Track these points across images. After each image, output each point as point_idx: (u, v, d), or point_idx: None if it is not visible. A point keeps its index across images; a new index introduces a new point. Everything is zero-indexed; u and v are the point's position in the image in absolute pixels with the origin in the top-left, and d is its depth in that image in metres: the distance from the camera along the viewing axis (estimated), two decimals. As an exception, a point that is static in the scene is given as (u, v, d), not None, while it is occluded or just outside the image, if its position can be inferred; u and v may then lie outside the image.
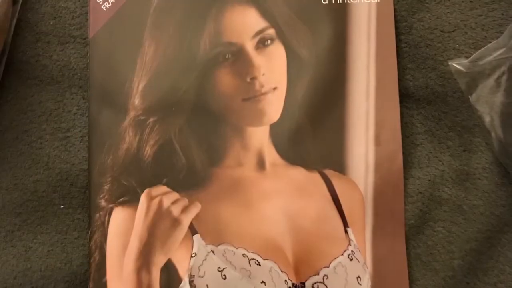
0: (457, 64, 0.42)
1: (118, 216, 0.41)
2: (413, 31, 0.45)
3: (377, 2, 0.44)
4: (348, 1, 0.43)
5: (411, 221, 0.43)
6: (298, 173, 0.42)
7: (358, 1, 0.43)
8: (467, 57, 0.43)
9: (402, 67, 0.44)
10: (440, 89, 0.44)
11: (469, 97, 0.43)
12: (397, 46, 0.44)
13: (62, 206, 0.44)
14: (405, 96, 0.44)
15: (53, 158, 0.45)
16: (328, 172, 0.42)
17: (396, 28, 0.44)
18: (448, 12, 0.45)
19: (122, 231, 0.40)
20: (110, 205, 0.41)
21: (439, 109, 0.44)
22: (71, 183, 0.45)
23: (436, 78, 0.44)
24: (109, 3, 0.44)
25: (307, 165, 0.42)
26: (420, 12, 0.45)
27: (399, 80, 0.43)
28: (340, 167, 0.42)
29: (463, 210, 0.43)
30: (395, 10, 0.45)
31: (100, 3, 0.44)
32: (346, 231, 0.42)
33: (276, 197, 0.42)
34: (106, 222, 0.41)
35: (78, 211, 0.44)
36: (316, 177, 0.42)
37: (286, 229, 0.41)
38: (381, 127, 0.43)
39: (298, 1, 0.43)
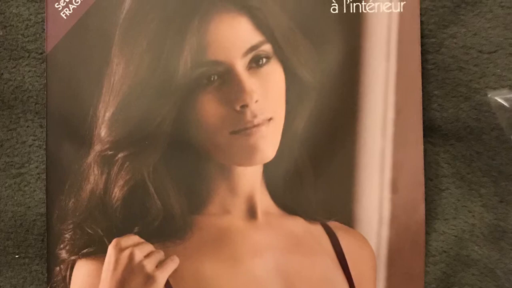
0: (499, 98, 0.40)
1: (82, 271, 0.39)
2: (444, 49, 0.42)
3: (400, 12, 0.40)
4: (364, 10, 0.41)
5: (433, 285, 0.42)
6: (296, 225, 0.41)
7: (375, 10, 0.40)
8: (511, 87, 0.41)
9: (427, 94, 0.42)
10: (473, 124, 0.42)
11: (511, 137, 0.40)
12: (422, 68, 0.41)
13: (17, 256, 0.42)
14: (430, 130, 0.42)
15: (5, 199, 0.43)
16: (333, 225, 0.40)
17: (422, 45, 0.42)
18: (489, 27, 0.42)
19: (87, 289, 0.40)
20: (72, 257, 0.39)
21: (472, 148, 0.42)
22: (26, 229, 0.43)
23: (469, 110, 0.42)
24: (69, 10, 0.41)
25: (308, 215, 0.41)
26: (454, 26, 0.42)
27: (424, 110, 0.41)
28: (348, 218, 0.41)
29: (496, 275, 0.41)
30: (421, 22, 0.42)
31: (59, 9, 0.41)
32: (353, 296, 0.41)
33: (269, 253, 0.40)
34: (67, 277, 0.39)
35: (35, 262, 0.42)
36: (318, 230, 0.41)
37: (280, 292, 0.40)
38: (399, 170, 0.40)
39: (300, 10, 0.40)
